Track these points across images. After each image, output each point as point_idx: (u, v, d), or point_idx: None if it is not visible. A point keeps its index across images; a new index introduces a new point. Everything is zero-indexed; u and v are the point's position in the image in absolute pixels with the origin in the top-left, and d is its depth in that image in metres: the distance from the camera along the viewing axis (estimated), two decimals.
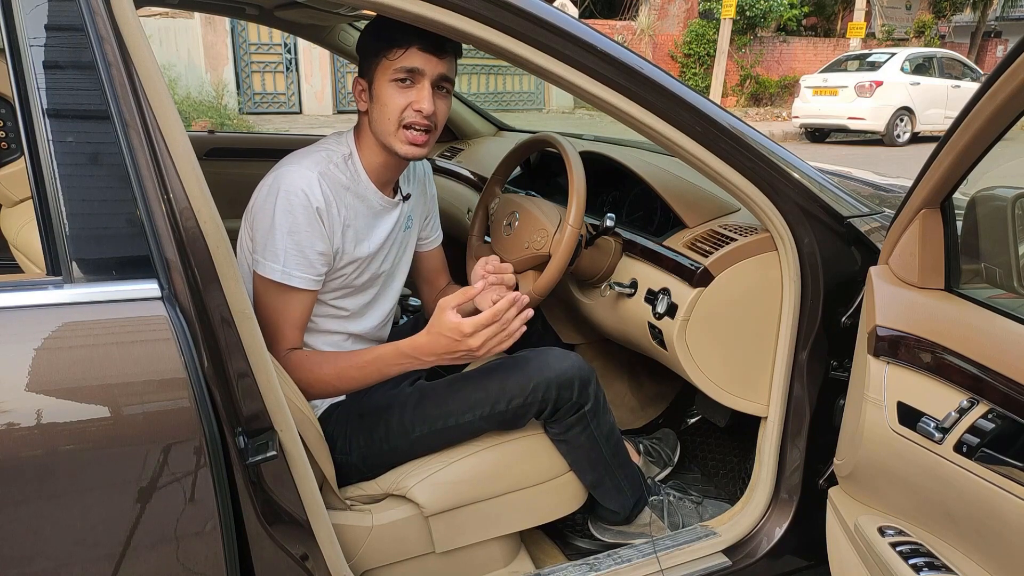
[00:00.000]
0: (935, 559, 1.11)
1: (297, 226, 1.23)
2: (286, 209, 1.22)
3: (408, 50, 1.24)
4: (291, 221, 1.22)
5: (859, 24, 14.57)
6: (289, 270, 1.23)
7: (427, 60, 1.25)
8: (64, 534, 0.85)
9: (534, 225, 1.53)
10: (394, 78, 1.26)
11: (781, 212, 1.27)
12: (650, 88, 1.17)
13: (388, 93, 1.26)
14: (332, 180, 1.29)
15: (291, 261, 1.23)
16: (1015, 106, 0.93)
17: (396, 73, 1.25)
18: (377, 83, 1.28)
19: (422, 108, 1.26)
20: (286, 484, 1.02)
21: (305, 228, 1.23)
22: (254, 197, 1.28)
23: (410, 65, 1.25)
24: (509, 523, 1.39)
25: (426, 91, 1.26)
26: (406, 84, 1.26)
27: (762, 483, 1.45)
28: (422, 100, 1.26)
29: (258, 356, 0.95)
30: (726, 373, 1.40)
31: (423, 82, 1.26)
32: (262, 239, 1.24)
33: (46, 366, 0.83)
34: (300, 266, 1.24)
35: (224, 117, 10.12)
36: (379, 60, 1.27)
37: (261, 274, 1.24)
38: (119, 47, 0.86)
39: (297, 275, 1.24)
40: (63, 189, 0.87)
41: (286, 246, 1.22)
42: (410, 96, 1.26)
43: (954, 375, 1.04)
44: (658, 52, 14.91)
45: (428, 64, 1.25)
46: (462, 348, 1.20)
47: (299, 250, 1.23)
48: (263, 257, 1.23)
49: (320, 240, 1.25)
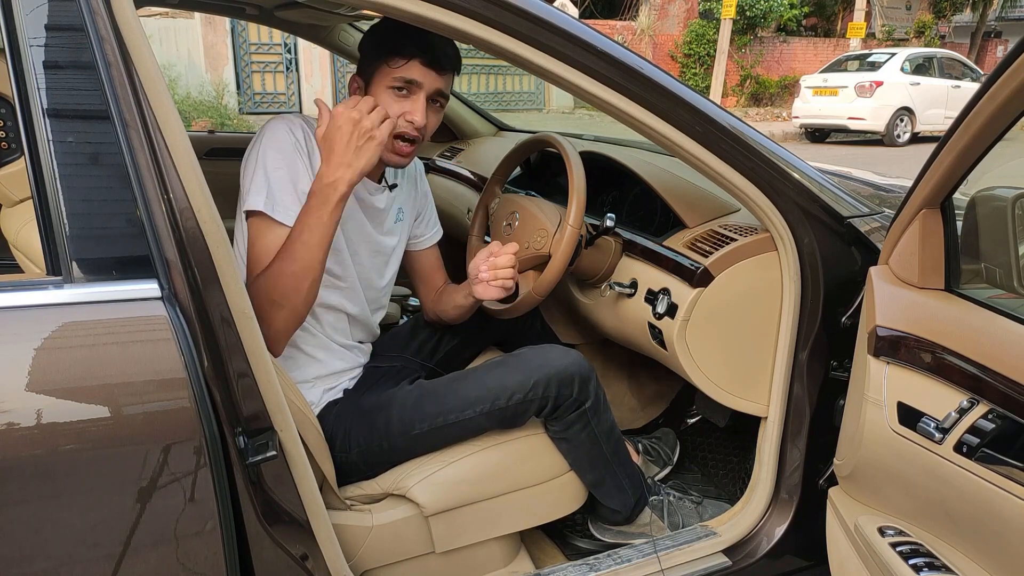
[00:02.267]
0: (935, 559, 1.11)
1: (280, 161, 1.23)
2: (269, 147, 1.24)
3: (410, 62, 1.26)
4: (275, 156, 1.23)
5: (859, 24, 14.57)
6: (274, 203, 1.21)
7: (427, 74, 1.27)
8: (64, 534, 0.85)
9: (534, 225, 1.53)
10: (392, 85, 1.28)
11: (781, 212, 1.27)
12: (650, 88, 1.17)
13: (383, 99, 1.28)
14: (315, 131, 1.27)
15: (277, 194, 1.22)
16: (1015, 106, 0.93)
17: (394, 81, 1.27)
18: (374, 86, 1.30)
19: (414, 119, 1.28)
20: (286, 484, 1.02)
21: (286, 164, 1.24)
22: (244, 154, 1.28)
23: (409, 77, 1.27)
24: (509, 523, 1.39)
25: (420, 103, 1.28)
26: (402, 93, 1.28)
27: (762, 483, 1.45)
28: (416, 112, 1.28)
29: (258, 356, 0.95)
30: (726, 373, 1.40)
31: (419, 94, 1.28)
32: (247, 179, 1.23)
33: (46, 366, 0.83)
34: (285, 200, 1.22)
35: (224, 117, 10.12)
36: (380, 65, 1.28)
37: (247, 208, 1.22)
38: (119, 47, 0.86)
39: (281, 209, 1.22)
40: (63, 189, 0.87)
41: (270, 180, 1.22)
42: (404, 106, 1.28)
43: (954, 375, 1.04)
44: (658, 52, 14.90)
45: (427, 78, 1.28)
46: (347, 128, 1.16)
47: (282, 184, 1.22)
48: (250, 194, 1.22)
49: (303, 176, 1.24)
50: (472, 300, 1.47)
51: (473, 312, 1.55)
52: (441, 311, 1.59)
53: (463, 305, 1.51)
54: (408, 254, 1.58)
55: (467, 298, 1.48)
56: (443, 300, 1.58)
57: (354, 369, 1.48)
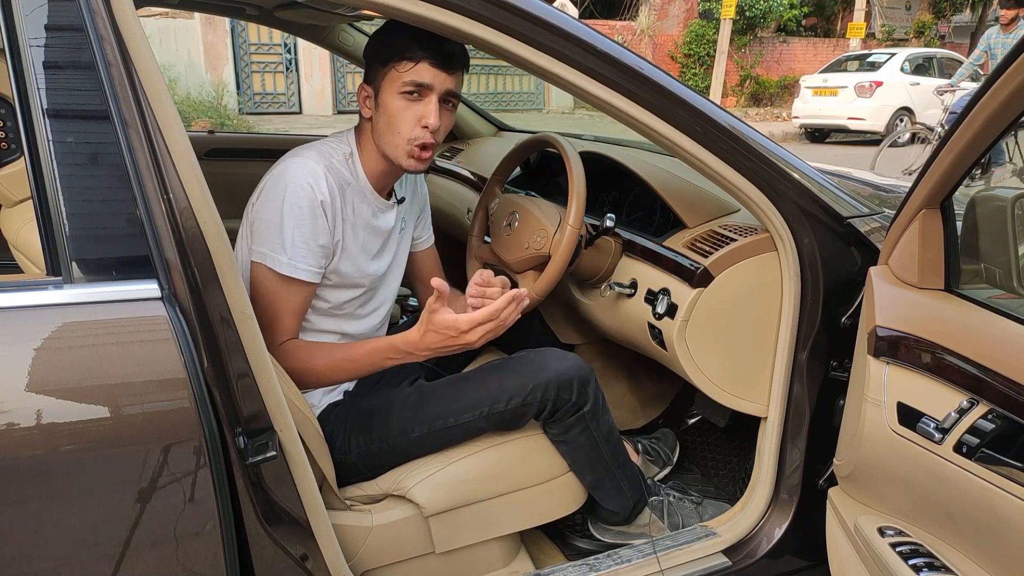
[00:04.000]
0: (935, 559, 1.11)
1: (303, 219, 1.23)
2: (293, 202, 1.23)
3: (419, 64, 1.24)
4: (298, 214, 1.23)
5: (859, 24, 14.57)
6: (296, 262, 1.23)
7: (436, 75, 1.25)
8: (64, 534, 0.85)
9: (534, 225, 1.53)
10: (403, 91, 1.25)
11: (781, 212, 1.27)
12: (650, 88, 1.17)
13: (396, 106, 1.26)
14: (336, 175, 1.30)
15: (298, 253, 1.23)
16: (1015, 106, 0.93)
17: (405, 86, 1.25)
18: (384, 93, 1.28)
19: (429, 123, 1.26)
20: (286, 484, 1.02)
21: (310, 221, 1.24)
22: (258, 190, 1.28)
23: (420, 80, 1.24)
24: (509, 523, 1.39)
25: (433, 105, 1.26)
26: (413, 97, 1.26)
27: (762, 483, 1.45)
28: (429, 115, 1.26)
29: (258, 356, 0.95)
30: (726, 373, 1.40)
31: (431, 96, 1.26)
32: (267, 230, 1.24)
33: (46, 366, 0.83)
34: (306, 258, 1.24)
35: (224, 117, 10.11)
36: (388, 70, 1.26)
37: (267, 265, 1.23)
38: (119, 47, 0.86)
39: (303, 267, 1.24)
40: (63, 189, 0.87)
41: (293, 238, 1.23)
42: (418, 110, 1.26)
43: (954, 375, 1.04)
44: (658, 52, 14.90)
45: (437, 79, 1.25)
46: (458, 342, 1.20)
47: (304, 242, 1.24)
48: (269, 249, 1.23)
49: (323, 233, 1.26)
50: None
51: None
52: None
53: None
54: (408, 256, 1.58)
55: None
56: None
57: None
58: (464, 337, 1.19)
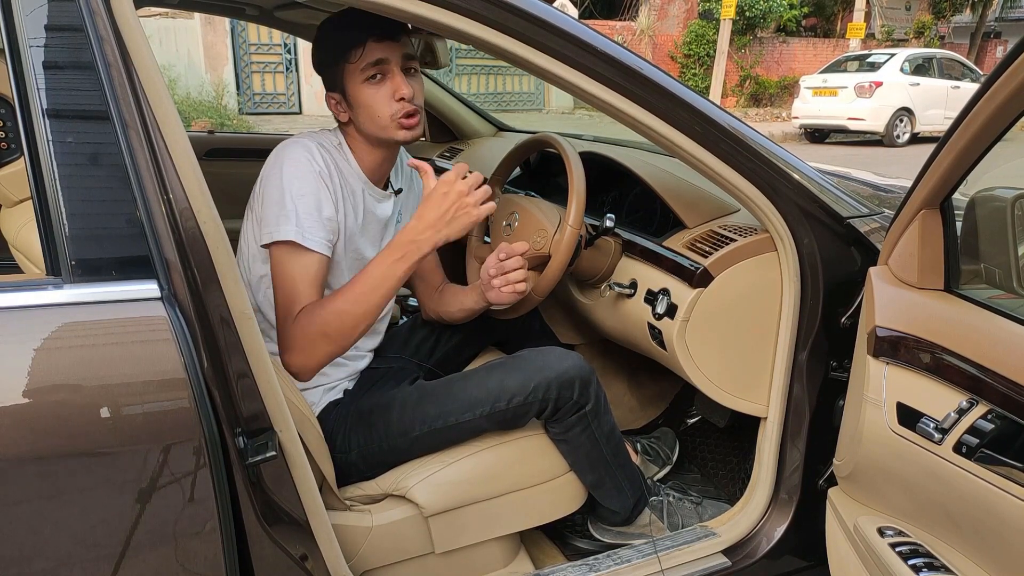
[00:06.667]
0: (935, 560, 1.11)
1: (305, 188, 1.24)
2: (293, 174, 1.24)
3: (365, 45, 1.25)
4: (300, 184, 1.23)
5: (859, 25, 14.57)
6: (303, 231, 1.22)
7: (387, 47, 1.27)
8: (64, 534, 0.85)
9: (534, 225, 1.53)
10: (364, 78, 1.27)
11: (781, 213, 1.27)
12: (650, 89, 1.17)
13: (365, 94, 1.28)
14: (329, 154, 1.31)
15: (304, 222, 1.23)
16: (1015, 106, 0.93)
17: (364, 73, 1.26)
18: (350, 89, 1.29)
19: (404, 94, 1.28)
20: (286, 484, 1.02)
21: (312, 192, 1.24)
22: (258, 181, 1.28)
23: (372, 59, 1.26)
24: (509, 523, 1.39)
25: (399, 77, 1.28)
26: (376, 79, 1.27)
27: (762, 483, 1.45)
28: (400, 87, 1.27)
29: (258, 356, 0.95)
30: (726, 373, 1.40)
31: (392, 69, 1.28)
32: (271, 209, 1.23)
33: (46, 366, 0.83)
34: (313, 228, 1.23)
35: (224, 117, 10.12)
36: (342, 67, 1.28)
37: (278, 238, 1.22)
38: (119, 47, 0.86)
39: (311, 237, 1.23)
40: (63, 189, 0.87)
41: (297, 209, 1.22)
42: (387, 88, 1.28)
43: (953, 376, 1.04)
44: (658, 53, 14.90)
45: (389, 51, 1.27)
46: (456, 203, 1.18)
47: (309, 213, 1.23)
48: (277, 223, 1.22)
49: (327, 203, 1.26)
50: (483, 304, 1.47)
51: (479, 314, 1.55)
52: (444, 312, 1.59)
53: (472, 308, 1.52)
54: None
55: (478, 303, 1.48)
56: (446, 301, 1.58)
57: (355, 371, 1.48)
58: (457, 188, 1.17)
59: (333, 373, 1.42)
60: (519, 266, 1.38)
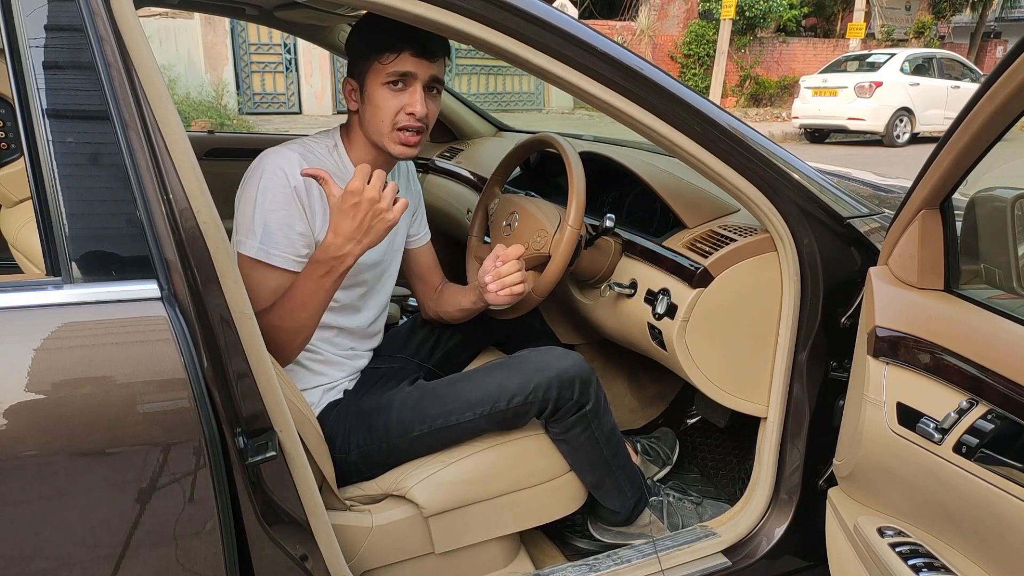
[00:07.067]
0: (934, 560, 1.11)
1: (275, 204, 1.23)
2: (265, 188, 1.23)
3: (400, 55, 1.25)
4: (269, 200, 1.23)
5: (859, 25, 14.58)
6: (267, 247, 1.22)
7: (419, 64, 1.27)
8: (64, 534, 0.85)
9: (534, 225, 1.53)
10: (386, 81, 1.27)
11: (781, 213, 1.27)
12: (650, 89, 1.17)
13: (381, 96, 1.28)
14: (318, 162, 1.30)
15: (269, 239, 1.22)
16: (1015, 106, 0.93)
17: (388, 77, 1.27)
18: (369, 85, 1.29)
19: (415, 111, 1.28)
20: (286, 484, 1.02)
21: (283, 207, 1.24)
22: (240, 184, 1.28)
23: (402, 69, 1.26)
24: (509, 523, 1.39)
25: (418, 94, 1.28)
26: (398, 87, 1.28)
27: (762, 483, 1.45)
28: (415, 103, 1.27)
29: (258, 356, 0.95)
30: (726, 374, 1.40)
31: (415, 85, 1.28)
32: (241, 219, 1.24)
33: (46, 366, 0.83)
34: (278, 244, 1.23)
35: (224, 117, 10.12)
36: (370, 63, 1.28)
37: (240, 251, 1.23)
38: (119, 47, 0.86)
39: (276, 253, 1.23)
40: (63, 189, 0.87)
41: (266, 223, 1.22)
42: (403, 99, 1.28)
43: (953, 376, 1.04)
44: (658, 53, 14.90)
45: (420, 68, 1.27)
46: (363, 208, 1.14)
47: (279, 228, 1.23)
48: (242, 235, 1.23)
49: (299, 220, 1.25)
50: (482, 304, 1.47)
51: (478, 314, 1.55)
52: (443, 311, 1.59)
53: (469, 309, 1.52)
54: (404, 253, 1.58)
55: (476, 303, 1.48)
56: (445, 300, 1.58)
57: (355, 371, 1.48)
58: (368, 196, 1.14)
59: (333, 373, 1.42)
60: (515, 270, 1.38)
